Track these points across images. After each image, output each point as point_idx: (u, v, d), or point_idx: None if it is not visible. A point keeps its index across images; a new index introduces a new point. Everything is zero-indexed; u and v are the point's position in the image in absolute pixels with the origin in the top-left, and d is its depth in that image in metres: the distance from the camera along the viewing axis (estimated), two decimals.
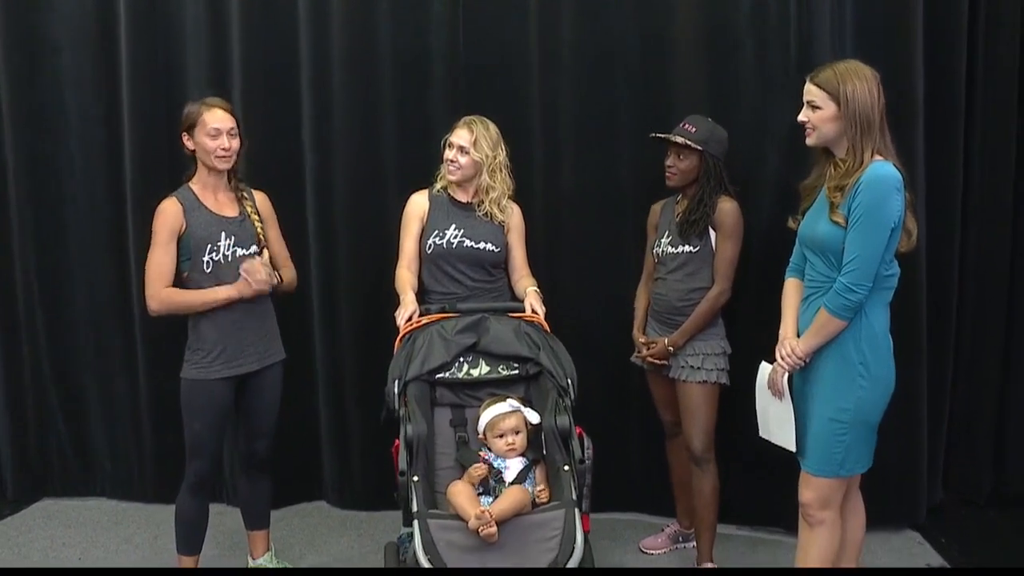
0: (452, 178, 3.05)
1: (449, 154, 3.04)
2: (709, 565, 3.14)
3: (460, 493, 2.47)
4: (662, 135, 3.03)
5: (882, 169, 2.33)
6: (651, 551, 3.37)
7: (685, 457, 3.16)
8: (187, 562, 3.01)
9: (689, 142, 2.97)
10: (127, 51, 3.55)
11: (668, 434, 3.29)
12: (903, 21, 3.21)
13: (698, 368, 3.03)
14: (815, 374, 2.47)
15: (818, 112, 2.42)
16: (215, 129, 2.80)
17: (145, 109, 3.56)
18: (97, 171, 3.70)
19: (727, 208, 3.00)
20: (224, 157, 2.83)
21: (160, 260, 2.80)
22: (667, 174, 3.06)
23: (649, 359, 3.10)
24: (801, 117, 2.48)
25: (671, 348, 3.04)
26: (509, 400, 2.72)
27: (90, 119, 3.66)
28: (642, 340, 3.15)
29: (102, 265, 3.75)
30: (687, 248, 3.04)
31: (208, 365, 2.85)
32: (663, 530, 3.43)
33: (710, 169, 2.99)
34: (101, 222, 3.72)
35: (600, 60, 3.41)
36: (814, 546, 2.53)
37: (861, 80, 2.38)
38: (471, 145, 3.00)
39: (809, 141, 2.49)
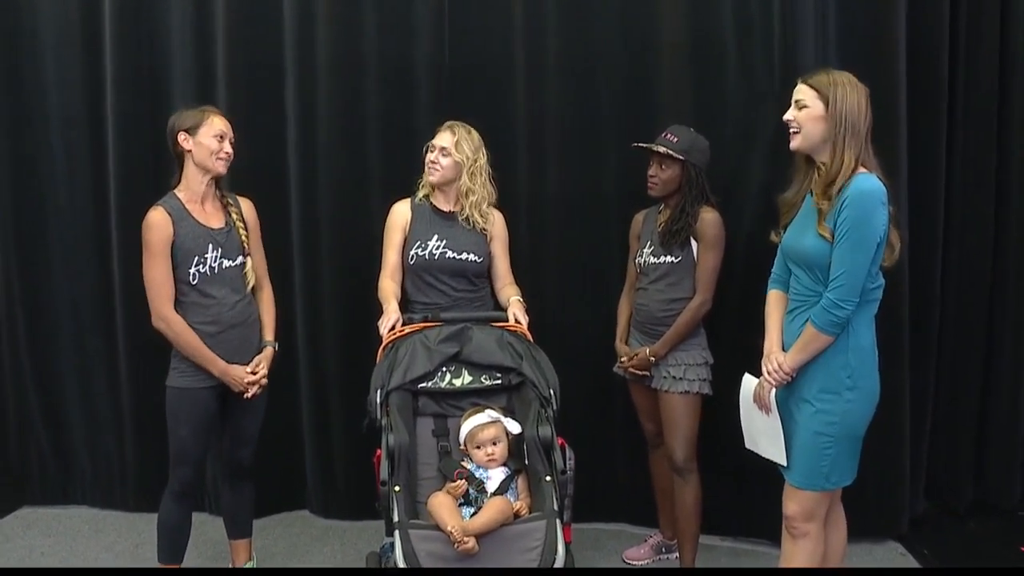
0: (432, 179, 3.04)
1: (430, 156, 3.04)
2: None
3: (441, 505, 2.46)
4: (644, 144, 3.04)
5: (867, 183, 2.33)
6: (634, 562, 3.37)
7: (668, 467, 3.16)
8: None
9: (671, 152, 2.98)
10: (112, 55, 3.53)
11: (651, 444, 3.30)
12: (886, 33, 3.23)
13: (680, 378, 3.04)
14: (801, 387, 2.47)
15: (805, 110, 2.42)
16: (221, 132, 2.83)
17: (129, 113, 3.55)
18: (80, 175, 3.68)
19: (709, 219, 3.01)
20: (225, 161, 2.84)
21: (159, 274, 2.78)
22: (649, 184, 3.06)
23: (631, 369, 3.10)
24: (787, 116, 2.47)
25: (652, 359, 3.05)
26: (488, 411, 2.71)
27: (73, 122, 3.64)
28: (624, 351, 3.15)
29: (84, 270, 3.72)
30: (669, 258, 3.05)
31: (195, 373, 2.84)
32: (646, 540, 3.42)
33: (692, 179, 3.00)
34: (84, 227, 3.70)
35: (585, 68, 3.42)
36: (797, 559, 2.52)
37: (853, 88, 2.39)
38: (452, 146, 3.00)
39: (793, 144, 2.47)
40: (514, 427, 2.68)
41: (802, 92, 2.44)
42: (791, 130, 2.46)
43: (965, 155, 3.48)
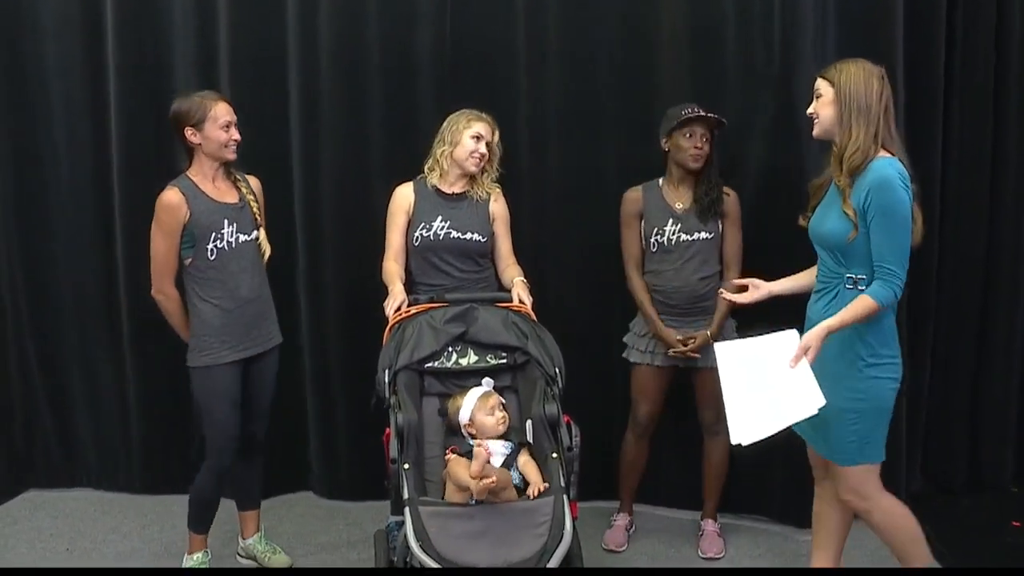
0: (475, 169, 3.08)
1: (478, 146, 3.05)
2: (711, 522, 3.35)
3: (460, 464, 2.53)
4: (714, 115, 3.09)
5: (885, 168, 2.37)
6: (619, 549, 3.35)
7: (647, 449, 3.35)
8: (197, 540, 3.08)
9: (724, 122, 3.10)
10: (113, 40, 3.53)
11: (641, 431, 3.33)
12: (884, 15, 3.27)
13: None
14: (823, 366, 2.47)
15: (819, 99, 2.51)
16: (227, 122, 2.85)
17: (132, 99, 3.55)
18: (82, 160, 3.67)
19: (733, 196, 3.15)
20: (234, 148, 2.89)
21: (165, 251, 2.85)
22: (694, 156, 3.09)
23: (689, 354, 3.14)
24: (808, 110, 2.56)
25: (712, 339, 3.08)
26: (484, 380, 2.80)
27: (75, 108, 3.64)
28: (672, 337, 3.15)
29: (88, 254, 3.73)
30: (703, 235, 3.14)
31: (217, 350, 2.90)
32: (615, 523, 3.43)
33: (716, 154, 3.12)
34: (87, 211, 3.70)
35: (586, 52, 3.44)
36: (880, 534, 2.61)
37: (859, 69, 2.46)
38: (493, 138, 3.09)
39: (815, 132, 2.56)
40: (500, 398, 2.79)
41: (817, 84, 2.53)
42: (813, 120, 2.54)
43: (961, 137, 3.51)
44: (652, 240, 3.19)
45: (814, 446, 2.63)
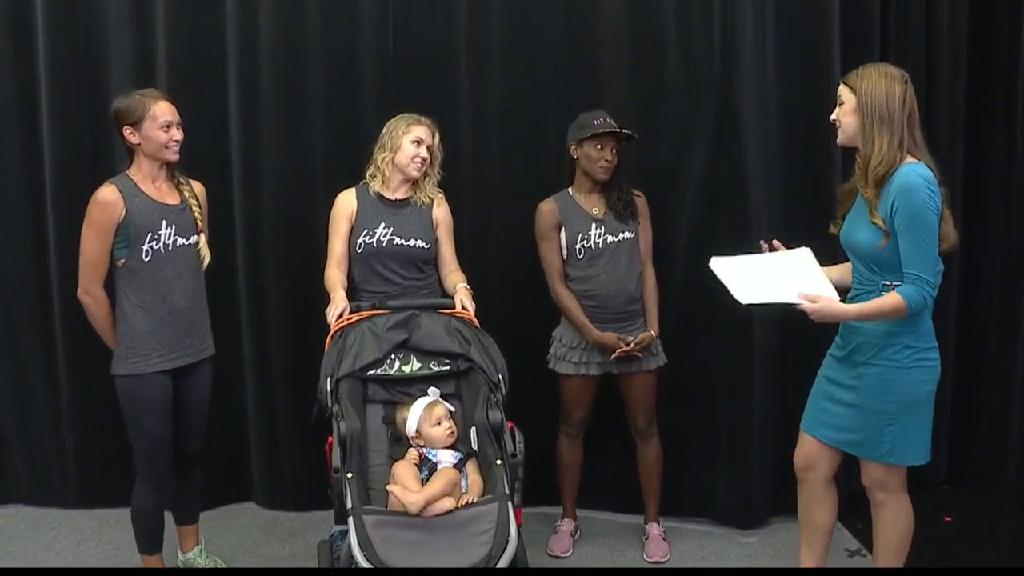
0: (417, 174, 3.06)
1: (419, 151, 3.04)
2: (655, 526, 3.36)
3: (405, 473, 2.55)
4: (628, 131, 3.10)
5: (911, 174, 2.36)
6: (564, 555, 3.36)
7: (582, 452, 3.37)
8: (152, 561, 2.98)
9: (633, 135, 3.12)
10: (44, 39, 3.42)
11: (574, 433, 3.35)
12: (821, 21, 3.33)
13: (657, 353, 3.22)
14: (861, 366, 2.51)
15: (842, 106, 2.49)
16: (167, 121, 2.77)
17: (66, 100, 3.45)
18: (12, 165, 3.55)
19: (641, 197, 3.21)
20: (175, 148, 2.81)
21: (95, 250, 2.76)
22: (604, 168, 3.12)
23: (633, 353, 3.15)
24: (832, 116, 2.54)
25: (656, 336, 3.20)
26: (431, 389, 2.78)
27: (4, 109, 3.52)
28: (612, 339, 3.14)
29: (18, 260, 3.61)
30: (627, 234, 3.17)
31: (145, 358, 2.80)
32: (559, 528, 3.44)
33: (622, 161, 3.16)
34: (18, 216, 3.58)
35: (528, 58, 3.45)
36: (878, 527, 2.65)
37: (880, 75, 2.43)
38: (436, 143, 3.07)
39: (838, 140, 2.54)
40: (449, 406, 2.78)
41: (839, 90, 2.51)
42: (836, 127, 2.53)
43: None
44: (578, 246, 3.18)
45: (844, 448, 2.63)
